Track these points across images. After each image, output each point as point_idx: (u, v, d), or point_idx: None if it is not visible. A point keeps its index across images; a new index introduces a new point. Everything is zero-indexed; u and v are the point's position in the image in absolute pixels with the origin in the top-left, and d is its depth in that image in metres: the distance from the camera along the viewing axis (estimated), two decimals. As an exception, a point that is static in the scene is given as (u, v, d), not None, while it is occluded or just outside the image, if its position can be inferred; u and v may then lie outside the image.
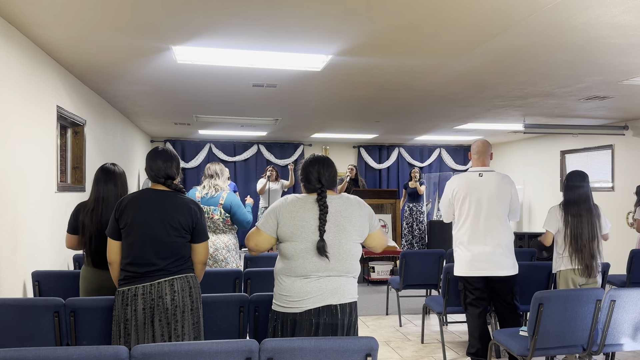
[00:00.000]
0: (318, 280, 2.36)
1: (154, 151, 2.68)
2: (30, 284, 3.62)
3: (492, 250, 3.77)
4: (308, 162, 2.54)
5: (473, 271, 3.81)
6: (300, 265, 2.36)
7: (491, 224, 3.79)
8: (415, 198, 9.13)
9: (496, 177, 3.88)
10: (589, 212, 3.84)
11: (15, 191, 3.57)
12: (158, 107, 6.81)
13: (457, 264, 3.93)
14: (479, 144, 4.00)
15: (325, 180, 2.46)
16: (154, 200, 2.58)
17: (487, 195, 3.82)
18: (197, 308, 2.59)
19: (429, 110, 6.83)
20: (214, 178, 4.31)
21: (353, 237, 2.43)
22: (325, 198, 2.41)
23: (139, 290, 2.49)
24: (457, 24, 3.35)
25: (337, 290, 2.38)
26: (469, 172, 3.98)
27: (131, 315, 2.49)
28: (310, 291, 2.35)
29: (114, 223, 2.57)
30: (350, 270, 2.43)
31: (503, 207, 3.82)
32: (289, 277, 2.38)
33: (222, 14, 3.21)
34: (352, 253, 2.42)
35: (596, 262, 3.81)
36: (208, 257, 3.04)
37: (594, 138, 8.29)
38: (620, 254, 6.52)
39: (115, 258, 2.59)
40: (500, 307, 3.89)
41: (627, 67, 4.43)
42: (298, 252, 2.36)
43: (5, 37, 3.40)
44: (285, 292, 2.38)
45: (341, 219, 2.41)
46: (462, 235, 3.87)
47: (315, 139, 10.82)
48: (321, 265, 2.36)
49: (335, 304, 2.36)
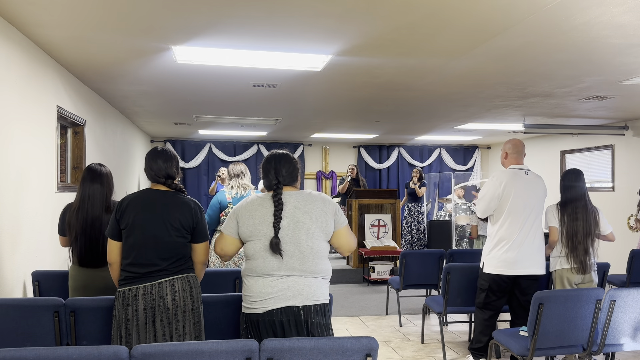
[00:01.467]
0: (280, 279, 2.28)
1: (153, 151, 2.68)
2: (30, 284, 3.61)
3: (534, 250, 3.77)
4: (266, 158, 2.50)
5: (510, 270, 3.73)
6: (260, 265, 2.30)
7: (533, 224, 3.79)
8: (416, 198, 9.12)
9: (538, 177, 3.90)
10: (584, 209, 3.86)
11: (15, 191, 3.57)
12: (158, 107, 6.81)
13: (491, 262, 3.80)
14: (517, 143, 3.94)
15: (282, 176, 2.40)
16: (155, 200, 2.57)
17: (535, 195, 3.81)
18: (197, 308, 2.59)
19: (429, 110, 6.83)
20: (240, 177, 4.35)
21: (315, 233, 2.32)
22: (280, 195, 2.34)
23: (139, 291, 2.49)
24: (457, 23, 3.35)
25: (300, 291, 2.28)
26: (515, 169, 3.86)
27: (132, 316, 2.48)
28: (272, 291, 2.28)
29: (114, 223, 2.57)
30: (315, 270, 2.31)
31: (543, 207, 3.87)
32: (252, 277, 2.33)
33: (222, 14, 3.21)
34: (314, 251, 2.31)
35: (590, 259, 3.81)
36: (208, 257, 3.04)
37: (594, 138, 8.28)
38: (620, 254, 6.52)
39: (115, 259, 2.59)
40: (518, 305, 3.87)
41: (627, 67, 4.43)
42: (257, 250, 2.31)
43: (5, 37, 3.40)
44: (249, 292, 2.33)
45: (300, 215, 2.32)
46: (505, 232, 3.76)
47: (315, 139, 10.82)
48: (282, 264, 2.28)
49: (298, 306, 2.27)
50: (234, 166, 4.42)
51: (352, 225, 7.91)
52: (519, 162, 3.92)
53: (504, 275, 3.78)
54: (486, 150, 12.13)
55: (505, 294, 3.84)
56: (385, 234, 7.85)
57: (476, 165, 11.94)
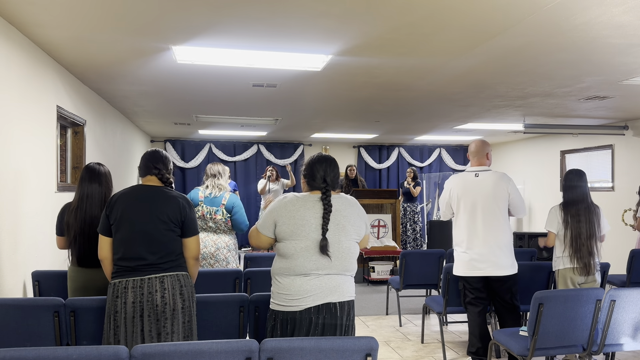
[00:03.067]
0: (318, 278, 2.36)
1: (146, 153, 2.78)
2: (30, 284, 3.62)
3: (490, 250, 3.77)
4: (315, 159, 2.54)
5: (472, 271, 3.83)
6: (300, 264, 2.36)
7: (488, 224, 3.79)
8: (411, 198, 9.09)
9: (492, 176, 3.88)
10: (587, 210, 3.85)
11: (15, 191, 3.57)
12: (158, 107, 6.81)
13: (456, 264, 3.95)
14: (475, 144, 4.03)
15: (330, 179, 2.48)
16: (143, 195, 2.60)
17: (483, 195, 3.83)
18: (188, 307, 2.58)
19: (429, 110, 6.83)
20: (217, 178, 4.30)
21: (352, 236, 2.45)
22: (329, 197, 2.43)
23: (129, 284, 2.51)
24: (457, 23, 3.35)
25: (337, 288, 2.39)
26: (465, 172, 4.00)
27: (121, 308, 2.49)
28: (310, 289, 2.35)
29: (104, 219, 2.59)
30: (348, 268, 2.44)
31: (500, 205, 3.82)
32: (288, 275, 2.38)
33: (222, 14, 3.21)
34: (351, 252, 2.44)
35: (594, 260, 3.82)
36: (200, 252, 3.04)
37: (594, 138, 8.28)
38: (620, 254, 6.52)
39: (106, 254, 2.60)
40: (500, 307, 3.90)
41: (627, 67, 4.43)
42: (298, 250, 2.36)
43: (5, 37, 3.40)
44: (285, 290, 2.38)
45: (341, 218, 2.43)
46: (460, 235, 3.90)
47: (315, 139, 10.82)
48: (321, 263, 2.36)
49: (335, 302, 2.37)
50: (212, 166, 4.40)
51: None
52: (477, 163, 3.98)
53: (468, 277, 3.87)
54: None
55: (482, 290, 3.88)
56: (385, 234, 7.85)
57: (476, 165, 11.92)
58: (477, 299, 3.89)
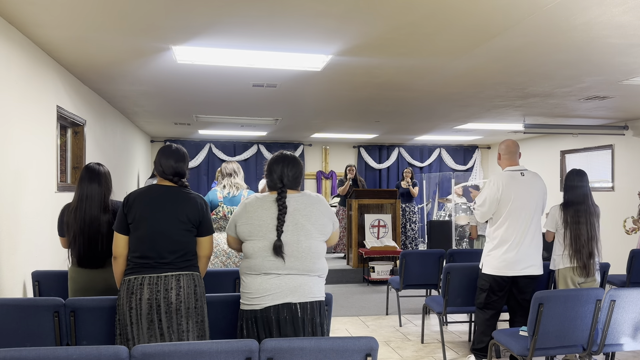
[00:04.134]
0: (278, 277, 2.35)
1: (167, 148, 2.73)
2: (30, 284, 3.61)
3: (533, 250, 3.78)
4: (274, 159, 2.53)
5: (511, 271, 3.75)
6: (259, 264, 2.36)
7: (536, 224, 3.80)
8: (408, 198, 9.05)
9: (534, 176, 3.90)
10: (587, 212, 3.85)
11: (15, 191, 3.57)
12: (158, 107, 6.81)
13: (493, 263, 3.81)
14: (510, 143, 3.95)
15: (287, 180, 2.45)
16: (162, 195, 2.61)
17: (533, 195, 3.81)
18: (201, 307, 2.60)
19: (429, 110, 6.83)
20: (233, 177, 4.30)
21: (313, 235, 2.40)
22: (284, 198, 2.40)
23: (145, 280, 2.51)
24: (457, 23, 3.35)
25: (297, 288, 2.35)
26: (511, 172, 3.88)
27: (136, 304, 2.49)
28: (270, 288, 2.34)
29: (122, 217, 2.59)
30: (312, 269, 2.39)
31: (541, 206, 3.87)
32: (250, 274, 2.40)
33: (222, 14, 3.21)
34: (312, 251, 2.38)
35: (594, 261, 3.82)
36: (213, 251, 3.05)
37: (594, 138, 8.28)
38: (620, 254, 6.52)
39: (121, 252, 2.60)
40: (516, 304, 3.88)
41: (627, 67, 4.43)
42: (256, 250, 2.37)
43: (5, 37, 3.40)
44: (247, 289, 2.39)
45: (300, 217, 2.39)
46: (504, 234, 3.77)
47: (315, 139, 10.82)
48: (280, 263, 2.35)
49: (295, 302, 2.34)
50: (227, 165, 4.38)
51: (352, 225, 7.92)
52: (513, 163, 3.93)
53: (504, 276, 3.79)
54: (486, 150, 12.13)
55: (505, 293, 3.85)
56: (385, 234, 7.85)
57: (476, 165, 11.94)
58: (499, 301, 3.86)
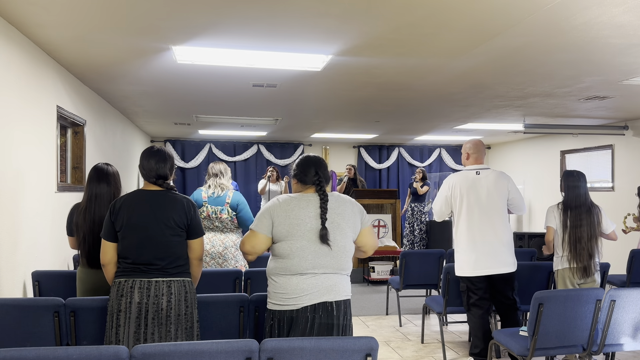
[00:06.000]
0: (314, 277, 2.36)
1: (148, 150, 2.69)
2: (30, 284, 3.61)
3: (495, 248, 3.78)
4: (305, 160, 2.55)
5: (477, 271, 3.80)
6: (297, 263, 2.36)
7: (491, 222, 3.80)
8: (418, 198, 9.14)
9: (493, 174, 3.90)
10: (587, 213, 3.85)
11: (15, 191, 3.57)
12: (158, 107, 6.81)
13: (459, 265, 3.91)
14: (474, 143, 4.02)
15: (321, 173, 2.49)
16: (148, 201, 2.57)
17: (486, 193, 3.83)
18: (191, 313, 2.58)
19: (429, 110, 6.83)
20: (219, 177, 4.29)
21: (347, 233, 2.44)
22: (324, 188, 2.45)
23: (136, 284, 2.50)
24: (457, 24, 3.35)
25: (333, 287, 2.39)
26: (465, 171, 3.98)
27: (125, 307, 2.48)
28: (307, 288, 2.35)
29: (109, 224, 2.56)
30: (344, 267, 2.44)
31: (502, 203, 3.85)
32: (284, 275, 2.38)
33: (222, 14, 3.21)
34: (346, 250, 2.44)
35: (594, 262, 3.82)
36: (204, 253, 3.04)
37: (594, 138, 8.28)
38: (620, 254, 6.52)
39: (110, 259, 2.58)
40: (501, 304, 3.90)
41: (627, 67, 4.43)
42: (294, 250, 2.36)
43: (5, 37, 3.40)
44: (281, 290, 2.38)
45: (335, 216, 2.42)
46: (463, 234, 3.87)
47: (315, 139, 10.82)
48: (317, 262, 2.37)
49: (332, 301, 2.37)
50: (214, 165, 4.38)
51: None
52: (478, 162, 3.97)
53: (473, 277, 3.83)
54: (486, 151, 12.14)
55: (485, 291, 3.86)
56: (385, 234, 7.85)
57: (476, 165, 11.93)
58: (482, 300, 3.86)
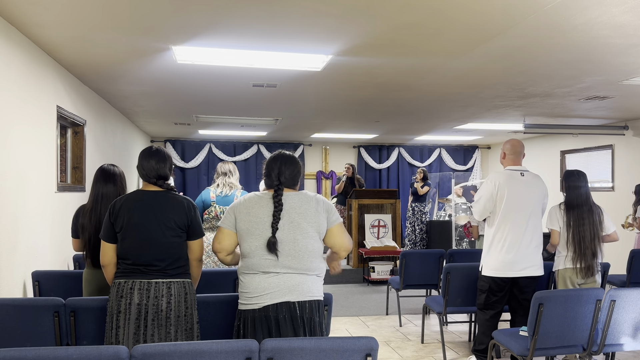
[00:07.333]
0: (276, 276, 2.35)
1: (147, 150, 2.68)
2: (30, 284, 3.61)
3: (531, 250, 3.76)
4: (271, 158, 2.53)
5: (510, 272, 3.73)
6: (256, 262, 2.36)
7: (535, 225, 3.78)
8: (418, 198, 9.14)
9: (535, 178, 3.87)
10: (589, 212, 3.85)
11: (15, 191, 3.57)
12: (158, 107, 6.81)
13: (492, 265, 3.79)
14: (515, 143, 3.91)
15: (284, 178, 2.45)
16: (148, 202, 2.57)
17: (531, 195, 3.78)
18: (190, 315, 2.58)
19: (429, 110, 6.83)
20: (227, 176, 4.30)
21: (310, 233, 2.39)
22: (280, 195, 2.40)
23: (135, 285, 2.49)
24: (457, 24, 3.35)
25: (296, 287, 2.35)
26: (510, 171, 3.86)
27: (125, 308, 2.48)
28: (268, 287, 2.34)
29: (109, 226, 2.56)
30: (310, 268, 2.39)
31: (541, 207, 3.84)
32: (248, 274, 2.39)
33: (222, 14, 3.21)
34: (309, 250, 2.38)
35: (597, 261, 3.82)
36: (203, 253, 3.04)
37: (594, 138, 8.28)
38: (620, 254, 6.52)
39: (110, 261, 2.58)
40: (517, 305, 3.87)
41: (627, 67, 4.43)
42: (253, 249, 2.37)
43: (5, 37, 3.40)
44: (246, 289, 2.38)
45: (295, 216, 2.39)
46: (505, 235, 3.75)
47: (315, 139, 10.82)
48: (278, 262, 2.35)
49: (294, 301, 2.34)
50: (223, 164, 4.39)
51: (352, 225, 7.91)
52: (516, 163, 3.90)
53: (503, 277, 3.77)
54: (486, 151, 12.13)
55: (505, 294, 3.84)
56: (385, 234, 7.85)
57: (476, 166, 11.95)
58: (499, 301, 3.84)
